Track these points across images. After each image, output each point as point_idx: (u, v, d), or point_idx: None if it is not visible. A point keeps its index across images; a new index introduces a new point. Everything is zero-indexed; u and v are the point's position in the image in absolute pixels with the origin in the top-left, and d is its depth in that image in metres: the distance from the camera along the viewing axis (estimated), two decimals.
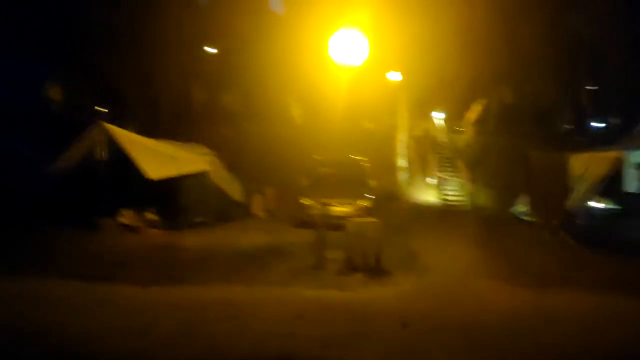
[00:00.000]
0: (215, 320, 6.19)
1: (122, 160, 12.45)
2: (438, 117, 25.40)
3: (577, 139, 24.64)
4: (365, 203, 13.82)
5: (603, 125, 28.97)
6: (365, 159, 15.95)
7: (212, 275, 8.85)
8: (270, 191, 17.40)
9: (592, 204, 13.74)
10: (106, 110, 23.74)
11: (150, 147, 13.56)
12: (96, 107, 24.01)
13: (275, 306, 6.99)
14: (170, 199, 13.72)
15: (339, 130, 24.21)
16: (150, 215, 13.26)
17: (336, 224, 13.17)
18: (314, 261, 9.26)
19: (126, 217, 13.24)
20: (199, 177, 14.28)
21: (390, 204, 18.58)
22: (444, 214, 17.89)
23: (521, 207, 16.65)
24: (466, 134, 25.92)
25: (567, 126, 25.99)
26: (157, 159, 13.14)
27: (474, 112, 26.74)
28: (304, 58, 25.87)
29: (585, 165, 13.30)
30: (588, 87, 27.27)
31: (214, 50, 25.10)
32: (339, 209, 13.46)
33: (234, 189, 16.04)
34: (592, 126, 27.67)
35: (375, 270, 8.97)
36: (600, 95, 28.41)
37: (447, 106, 27.63)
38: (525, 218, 15.85)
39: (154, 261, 9.82)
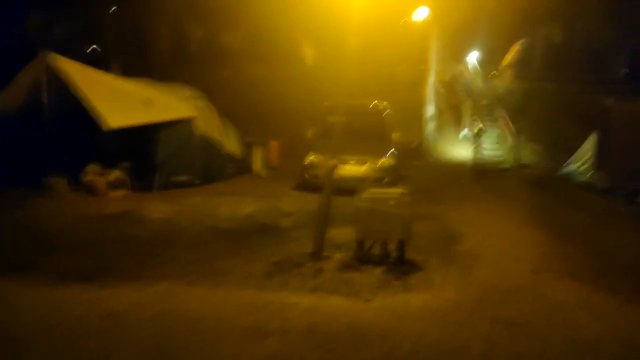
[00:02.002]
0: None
1: (74, 104, 9.68)
2: (473, 60, 21.89)
3: (636, 85, 21.06)
4: (386, 161, 10.90)
5: None
6: (387, 107, 12.88)
7: (166, 266, 6.21)
8: (274, 144, 14.60)
9: None
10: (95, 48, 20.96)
11: (116, 87, 10.75)
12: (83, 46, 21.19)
13: (237, 327, 4.40)
14: (142, 152, 11.09)
15: (357, 74, 21.09)
16: (116, 173, 10.63)
17: (349, 188, 10.49)
18: (312, 246, 6.51)
19: (90, 175, 10.66)
20: (181, 126, 11.46)
21: (418, 162, 15.69)
22: (482, 173, 14.90)
23: (577, 167, 13.61)
24: (506, 78, 22.48)
25: (625, 70, 22.26)
26: (123, 102, 10.36)
27: (516, 53, 23.19)
28: None
29: None
30: None
31: None
32: (353, 168, 10.63)
33: (228, 141, 13.22)
34: None
35: (399, 262, 6.21)
36: None
37: (485, 47, 24.04)
38: (583, 180, 12.86)
39: (95, 240, 7.20)
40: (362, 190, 6.54)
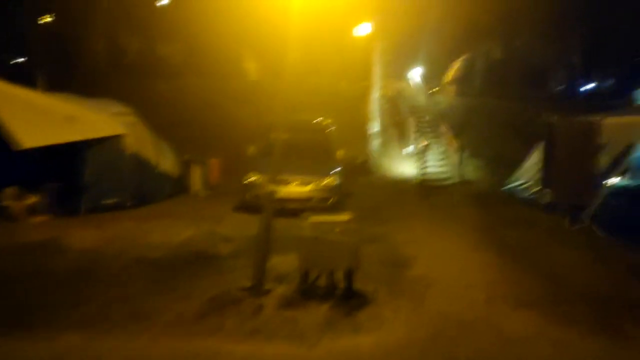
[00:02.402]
0: None
1: None
2: (417, 76, 22.03)
3: (572, 101, 21.84)
4: (331, 180, 10.44)
5: (592, 86, 26.30)
6: (331, 123, 12.47)
7: (84, 308, 5.41)
8: (214, 162, 13.85)
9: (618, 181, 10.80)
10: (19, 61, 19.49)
11: (35, 103, 9.74)
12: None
13: None
14: (67, 173, 10.14)
15: (301, 89, 20.69)
16: (36, 197, 9.63)
17: (293, 210, 9.92)
18: (251, 279, 5.88)
19: (6, 199, 9.61)
20: (109, 145, 10.57)
21: (364, 179, 15.36)
22: (428, 190, 14.75)
23: (521, 183, 13.66)
24: (449, 94, 22.73)
25: (561, 87, 23.03)
26: (42, 120, 9.39)
27: (458, 69, 23.54)
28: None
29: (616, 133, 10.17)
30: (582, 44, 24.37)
31: None
32: (297, 188, 10.11)
33: (164, 159, 12.40)
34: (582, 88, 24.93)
35: (347, 295, 5.69)
36: (593, 55, 25.62)
37: (428, 63, 24.25)
38: (527, 196, 12.88)
39: (6, 276, 6.27)
40: (305, 216, 5.99)
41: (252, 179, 10.20)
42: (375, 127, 16.88)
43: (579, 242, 8.86)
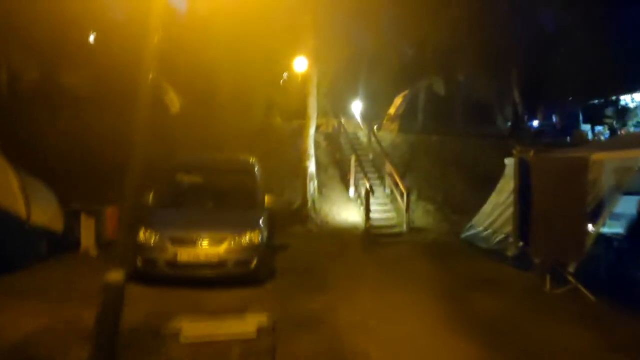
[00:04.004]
0: None
1: None
2: (357, 112, 20.24)
3: (520, 137, 20.73)
4: (254, 236, 8.00)
5: (537, 123, 25.67)
6: (256, 162, 10.15)
7: None
8: (111, 211, 11.12)
9: (607, 228, 9.12)
10: None
11: None
12: None
13: None
14: None
15: (229, 125, 18.38)
16: None
17: (201, 277, 7.50)
18: None
19: None
20: None
21: (300, 228, 13.09)
22: (374, 240, 12.65)
23: (480, 231, 11.84)
24: (391, 131, 21.07)
25: (508, 124, 21.96)
26: None
27: (399, 105, 22.05)
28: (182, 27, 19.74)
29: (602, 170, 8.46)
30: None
31: None
32: (205, 250, 7.63)
33: (40, 210, 9.60)
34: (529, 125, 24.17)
35: None
36: (534, 92, 25.06)
37: (368, 99, 22.64)
38: (488, 247, 11.04)
39: None
40: (174, 328, 3.56)
41: (144, 237, 7.61)
42: (312, 166, 14.72)
43: (571, 314, 6.91)
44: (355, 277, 9.03)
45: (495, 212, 11.46)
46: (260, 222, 8.36)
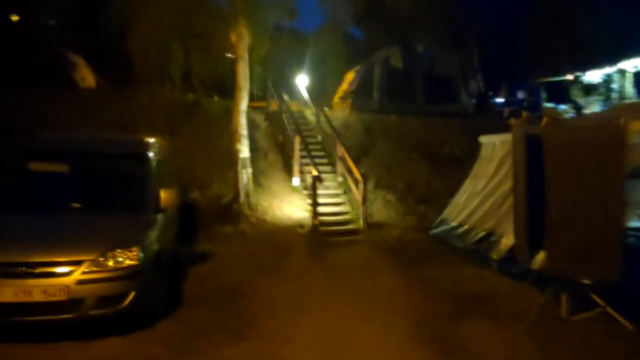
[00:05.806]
0: None
1: None
2: (303, 87, 17.38)
3: (486, 115, 18.59)
4: (129, 256, 5.10)
5: (502, 101, 23.71)
6: (154, 144, 7.19)
7: None
8: None
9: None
10: None
11: None
12: None
13: None
14: None
15: (135, 101, 15.19)
16: None
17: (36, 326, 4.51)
18: None
19: None
20: None
21: (230, 229, 10.27)
22: (324, 240, 10.03)
23: (454, 227, 9.42)
24: (343, 109, 18.41)
25: (473, 101, 19.70)
26: None
27: (352, 81, 19.40)
28: None
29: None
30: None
31: None
32: (44, 283, 4.70)
33: None
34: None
35: None
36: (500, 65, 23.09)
37: (316, 73, 19.86)
38: (463, 246, 8.66)
39: None
40: None
41: None
42: (247, 150, 11.82)
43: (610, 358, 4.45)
44: (300, 297, 6.41)
45: (472, 203, 9.08)
46: (145, 232, 5.48)
